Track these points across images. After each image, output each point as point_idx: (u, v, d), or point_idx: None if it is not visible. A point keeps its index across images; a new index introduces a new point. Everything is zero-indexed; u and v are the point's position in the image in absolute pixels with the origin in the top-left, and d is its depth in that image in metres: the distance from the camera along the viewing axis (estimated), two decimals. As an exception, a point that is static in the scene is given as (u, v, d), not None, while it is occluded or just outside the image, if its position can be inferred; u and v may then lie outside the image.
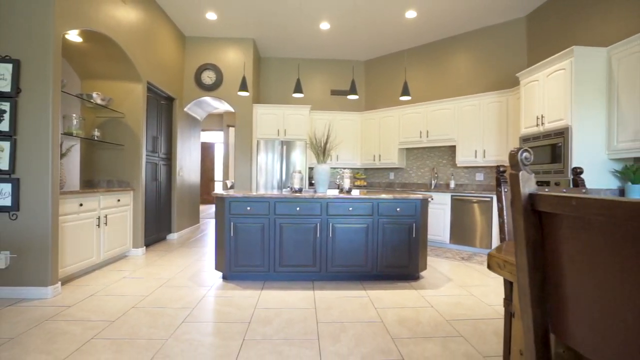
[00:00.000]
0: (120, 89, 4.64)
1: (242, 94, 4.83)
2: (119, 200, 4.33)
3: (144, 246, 4.92)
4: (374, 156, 7.11)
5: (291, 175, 4.03)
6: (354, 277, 3.78)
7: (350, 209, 3.69)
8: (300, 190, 3.97)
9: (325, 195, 3.67)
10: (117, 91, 4.62)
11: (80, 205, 3.59)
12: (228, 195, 3.59)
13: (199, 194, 7.46)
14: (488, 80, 5.95)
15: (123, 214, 4.45)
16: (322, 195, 3.66)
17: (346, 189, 4.09)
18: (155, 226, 5.53)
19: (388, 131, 6.90)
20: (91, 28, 3.65)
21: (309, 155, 6.85)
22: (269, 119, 6.75)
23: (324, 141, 4.07)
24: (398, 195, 3.73)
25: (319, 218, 3.67)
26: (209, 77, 6.53)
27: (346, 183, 4.12)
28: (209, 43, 6.55)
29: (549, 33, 5.04)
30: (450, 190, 5.67)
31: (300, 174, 4.04)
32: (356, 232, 3.69)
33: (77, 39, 3.96)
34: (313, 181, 5.69)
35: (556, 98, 4.08)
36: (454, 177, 6.30)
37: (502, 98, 5.42)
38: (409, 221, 3.72)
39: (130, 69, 4.55)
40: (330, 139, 7.10)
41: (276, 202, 3.63)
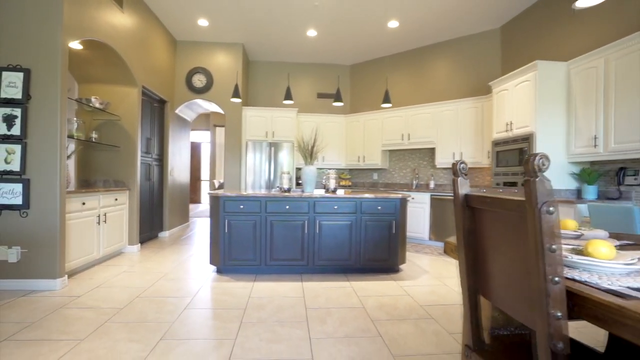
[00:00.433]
0: (117, 92, 4.84)
1: (235, 100, 5.09)
2: (116, 199, 4.55)
3: (139, 243, 5.14)
4: (359, 157, 7.44)
5: (280, 176, 4.34)
6: (339, 270, 4.11)
7: (336, 207, 4.01)
8: (289, 190, 4.27)
9: (313, 195, 3.98)
10: (114, 95, 4.83)
11: (83, 204, 3.82)
12: (223, 194, 3.87)
13: (189, 194, 7.65)
14: (466, 87, 6.35)
15: (120, 212, 4.67)
16: (310, 195, 3.98)
17: (332, 189, 4.36)
18: (148, 224, 5.75)
19: (372, 133, 7.24)
20: (93, 37, 3.87)
21: (296, 156, 7.14)
22: (258, 121, 7.01)
23: (311, 144, 4.38)
24: (379, 195, 4.07)
25: (307, 216, 3.98)
26: (199, 80, 6.76)
27: (332, 183, 4.39)
28: (200, 47, 6.78)
29: (519, 45, 5.46)
30: (430, 190, 6.04)
31: (289, 174, 4.34)
32: (341, 229, 4.01)
33: (78, 46, 4.17)
34: (300, 181, 5.95)
35: (523, 106, 4.49)
36: (433, 178, 6.69)
37: (478, 104, 5.81)
38: (389, 219, 4.07)
39: (127, 73, 4.76)
40: (317, 142, 7.41)
41: (267, 201, 3.93)
